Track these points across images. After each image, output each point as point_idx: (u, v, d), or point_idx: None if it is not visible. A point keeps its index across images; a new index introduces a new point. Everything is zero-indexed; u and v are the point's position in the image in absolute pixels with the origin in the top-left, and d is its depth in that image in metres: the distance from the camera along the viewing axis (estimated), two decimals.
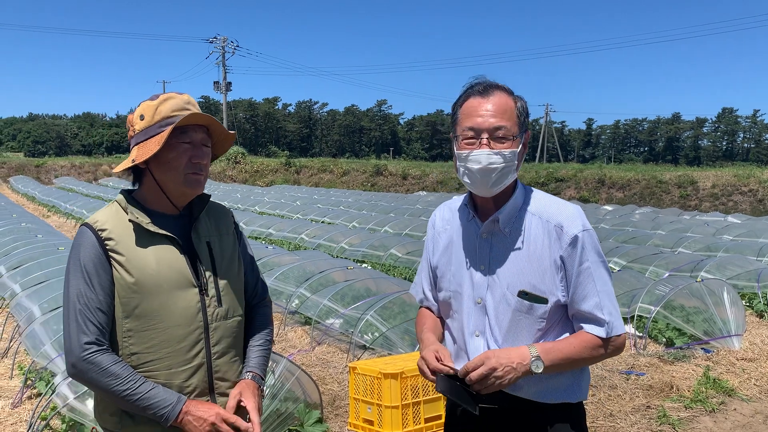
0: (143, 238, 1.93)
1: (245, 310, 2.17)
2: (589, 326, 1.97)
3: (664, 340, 6.81)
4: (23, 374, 5.57)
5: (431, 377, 1.97)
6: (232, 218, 2.19)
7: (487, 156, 1.91)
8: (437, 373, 1.94)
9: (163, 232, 1.95)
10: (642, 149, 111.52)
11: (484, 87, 1.98)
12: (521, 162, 2.00)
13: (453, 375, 1.92)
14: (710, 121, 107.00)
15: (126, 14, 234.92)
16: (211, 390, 2.00)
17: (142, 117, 1.95)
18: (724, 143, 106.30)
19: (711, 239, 12.78)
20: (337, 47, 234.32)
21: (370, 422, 4.37)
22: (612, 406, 5.24)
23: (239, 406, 1.99)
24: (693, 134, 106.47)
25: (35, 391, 5.31)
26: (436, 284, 2.19)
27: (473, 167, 1.92)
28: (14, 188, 34.49)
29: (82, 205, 21.01)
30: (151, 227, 1.93)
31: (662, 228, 15.16)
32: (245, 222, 16.55)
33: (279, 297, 8.06)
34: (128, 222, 1.94)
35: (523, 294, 1.96)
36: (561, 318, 2.01)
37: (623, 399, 5.39)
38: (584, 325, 1.98)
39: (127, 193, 2.03)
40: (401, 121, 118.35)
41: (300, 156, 68.08)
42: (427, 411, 4.32)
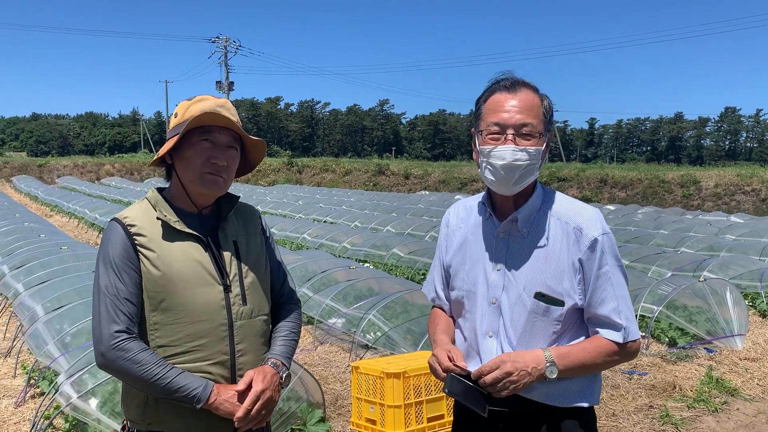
0: (170, 236, 1.97)
1: (272, 309, 2.19)
2: (606, 331, 1.94)
3: (667, 340, 6.80)
4: (26, 373, 5.58)
5: (442, 375, 1.94)
6: (260, 219, 2.21)
7: (512, 152, 1.87)
8: (448, 373, 1.92)
9: (190, 231, 1.98)
10: (644, 149, 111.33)
11: (511, 83, 1.95)
12: (544, 161, 1.97)
13: (464, 376, 1.89)
14: (713, 121, 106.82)
15: (128, 14, 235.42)
16: None
17: (176, 115, 2.01)
18: (727, 143, 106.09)
19: (714, 239, 12.76)
20: (340, 47, 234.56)
21: (373, 422, 4.37)
22: (615, 406, 5.24)
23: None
24: (696, 134, 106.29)
25: (38, 391, 5.32)
26: (449, 283, 2.15)
27: (497, 163, 1.89)
28: (17, 188, 34.55)
29: (85, 205, 21.01)
30: (178, 225, 1.98)
31: (665, 227, 15.15)
32: None
33: None
34: (156, 219, 1.98)
35: (540, 296, 1.93)
36: (576, 321, 1.98)
37: (626, 399, 5.38)
38: (600, 330, 1.95)
39: (159, 190, 2.08)
40: (403, 121, 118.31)
41: (302, 155, 68.19)
42: (430, 410, 4.32)
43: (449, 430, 4.29)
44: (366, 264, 10.91)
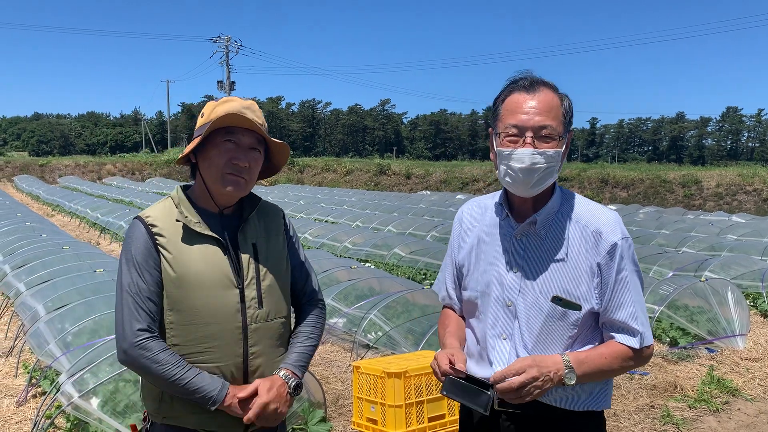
0: (190, 237, 1.99)
1: (294, 309, 2.20)
2: (622, 336, 1.91)
3: (668, 340, 6.80)
4: (28, 373, 5.59)
5: (441, 378, 1.93)
6: (283, 219, 2.21)
7: (531, 156, 1.83)
8: (446, 376, 1.90)
9: (209, 233, 2.00)
10: (646, 149, 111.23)
11: (530, 82, 1.90)
12: (563, 162, 1.93)
13: (463, 378, 1.88)
14: (714, 121, 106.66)
15: (130, 14, 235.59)
16: None
17: (202, 115, 2.04)
18: (729, 142, 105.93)
19: (715, 239, 12.75)
20: (341, 47, 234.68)
21: (374, 421, 4.37)
22: (616, 406, 5.23)
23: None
24: (697, 133, 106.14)
25: (40, 390, 5.32)
26: (461, 283, 2.11)
27: (516, 166, 1.84)
28: (19, 187, 34.57)
29: (86, 205, 21.01)
30: (198, 227, 1.99)
31: (666, 227, 15.13)
32: None
33: None
34: (177, 221, 2.00)
35: (557, 299, 1.90)
36: (590, 325, 1.96)
37: (627, 399, 5.38)
38: (616, 335, 1.92)
39: (183, 189, 2.09)
40: (405, 121, 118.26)
41: (303, 155, 68.11)
42: (431, 410, 4.32)
43: (450, 430, 4.31)
44: (367, 264, 10.91)
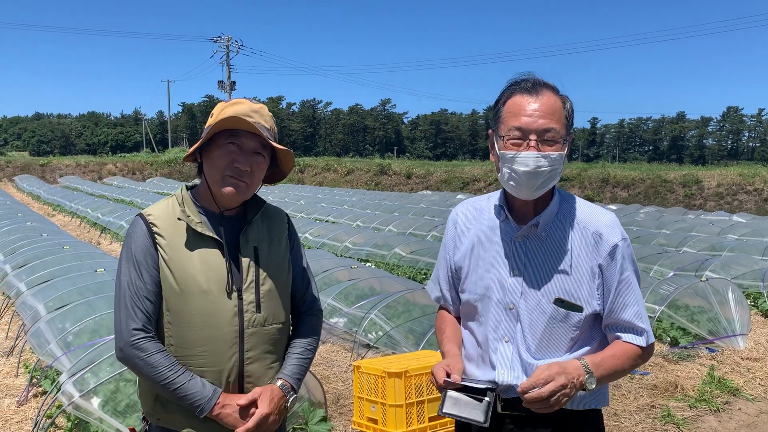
0: (190, 237, 1.97)
1: (293, 317, 2.18)
2: (628, 336, 1.93)
3: (669, 340, 6.80)
4: (29, 372, 5.59)
5: (441, 392, 1.93)
6: (288, 224, 2.18)
7: (535, 159, 1.82)
8: (444, 390, 1.89)
9: (210, 234, 1.97)
10: (646, 148, 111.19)
11: (533, 84, 1.89)
12: (564, 165, 1.93)
13: (459, 389, 1.87)
14: (715, 120, 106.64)
15: (130, 14, 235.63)
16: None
17: (212, 115, 2.01)
18: (729, 142, 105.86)
19: (716, 239, 12.75)
20: (341, 46, 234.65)
21: (375, 421, 4.38)
22: (616, 406, 5.23)
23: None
24: (698, 133, 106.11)
25: (41, 390, 5.33)
26: (458, 285, 2.10)
27: (520, 169, 1.83)
28: (19, 187, 34.58)
29: (87, 204, 21.02)
30: (199, 228, 1.97)
31: (667, 227, 15.13)
32: None
33: None
34: (178, 220, 1.98)
35: (559, 301, 1.90)
36: (590, 327, 1.97)
37: (627, 398, 5.38)
38: (622, 335, 1.94)
39: (189, 188, 2.08)
40: (405, 120, 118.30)
41: (304, 155, 68.18)
42: (431, 410, 4.32)
43: (451, 430, 4.31)
44: (368, 263, 10.91)
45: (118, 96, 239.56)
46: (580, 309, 1.91)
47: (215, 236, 1.98)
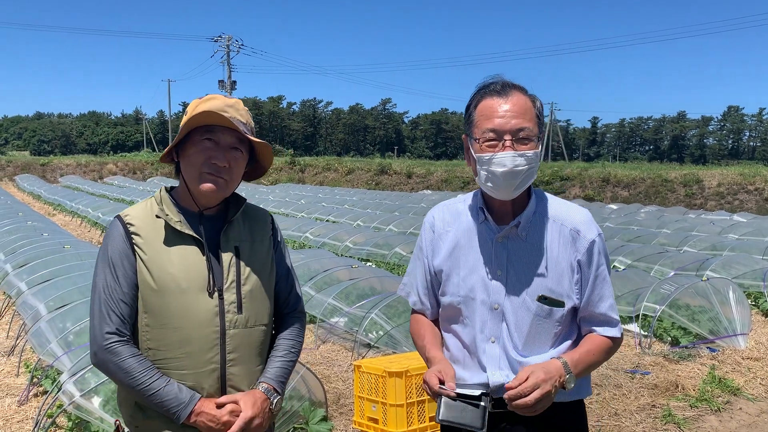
0: (169, 237, 1.93)
1: (276, 319, 2.13)
2: (603, 329, 2.00)
3: (670, 339, 6.79)
4: (29, 372, 5.59)
5: (435, 398, 1.93)
6: (271, 224, 2.14)
7: (512, 159, 1.84)
8: (439, 397, 1.89)
9: (190, 233, 1.93)
10: (647, 148, 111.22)
11: (502, 86, 1.92)
12: (539, 163, 1.96)
13: (455, 396, 1.87)
14: (716, 120, 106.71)
15: (131, 13, 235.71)
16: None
17: (186, 113, 1.96)
18: (730, 142, 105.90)
19: (716, 238, 12.74)
20: (342, 46, 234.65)
21: (375, 420, 4.38)
22: (617, 405, 5.23)
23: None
24: (698, 133, 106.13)
25: (41, 389, 5.33)
26: (439, 288, 2.10)
27: (498, 170, 1.86)
28: (20, 187, 34.62)
29: (88, 204, 21.05)
30: (179, 226, 1.92)
31: (667, 227, 15.12)
32: None
33: None
34: (156, 218, 1.94)
35: (543, 299, 1.94)
36: (570, 321, 2.02)
37: (628, 398, 5.38)
38: (597, 329, 2.01)
39: (169, 189, 2.04)
40: (406, 120, 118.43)
41: (304, 155, 68.19)
42: (432, 410, 4.32)
43: None
44: (368, 263, 10.91)
45: (119, 95, 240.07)
46: (562, 304, 1.96)
47: (195, 234, 1.93)
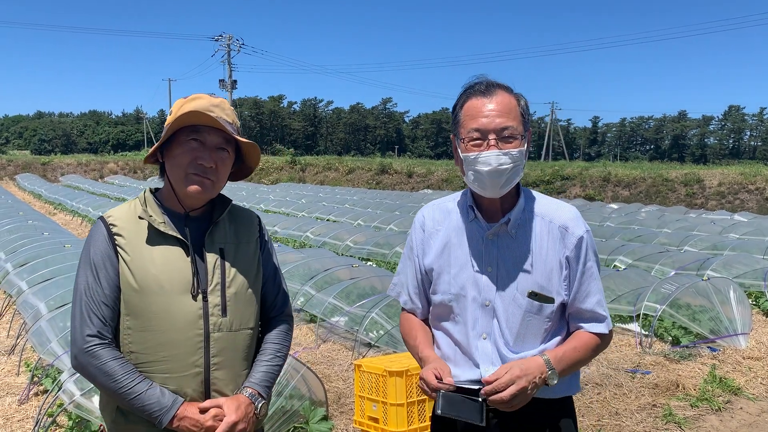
0: (153, 238, 1.89)
1: (262, 323, 2.11)
2: (590, 325, 2.02)
3: (670, 339, 6.79)
4: (30, 371, 5.60)
5: (433, 396, 1.94)
6: (258, 226, 2.12)
7: (497, 157, 1.88)
8: (438, 392, 1.91)
9: (173, 234, 1.90)
10: (648, 147, 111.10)
11: (486, 86, 1.95)
12: (525, 160, 1.99)
13: (454, 390, 1.89)
14: (717, 119, 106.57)
15: (132, 12, 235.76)
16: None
17: (171, 113, 1.94)
18: (731, 141, 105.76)
19: (717, 238, 12.73)
20: (343, 45, 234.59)
21: (376, 420, 4.38)
22: (617, 405, 5.23)
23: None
24: (699, 132, 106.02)
25: (42, 388, 5.33)
26: (430, 287, 2.11)
27: (483, 169, 1.89)
28: (21, 186, 34.64)
29: (88, 203, 21.07)
30: (162, 227, 1.89)
31: (668, 226, 15.11)
32: None
33: None
34: (139, 219, 1.91)
35: (533, 295, 1.97)
36: (560, 316, 2.04)
37: (629, 397, 5.38)
38: (585, 325, 2.03)
39: (153, 190, 2.01)
40: (406, 119, 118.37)
41: (305, 154, 68.12)
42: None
43: None
44: (369, 262, 10.90)
45: (120, 95, 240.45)
46: (552, 300, 1.98)
47: (179, 236, 1.90)
